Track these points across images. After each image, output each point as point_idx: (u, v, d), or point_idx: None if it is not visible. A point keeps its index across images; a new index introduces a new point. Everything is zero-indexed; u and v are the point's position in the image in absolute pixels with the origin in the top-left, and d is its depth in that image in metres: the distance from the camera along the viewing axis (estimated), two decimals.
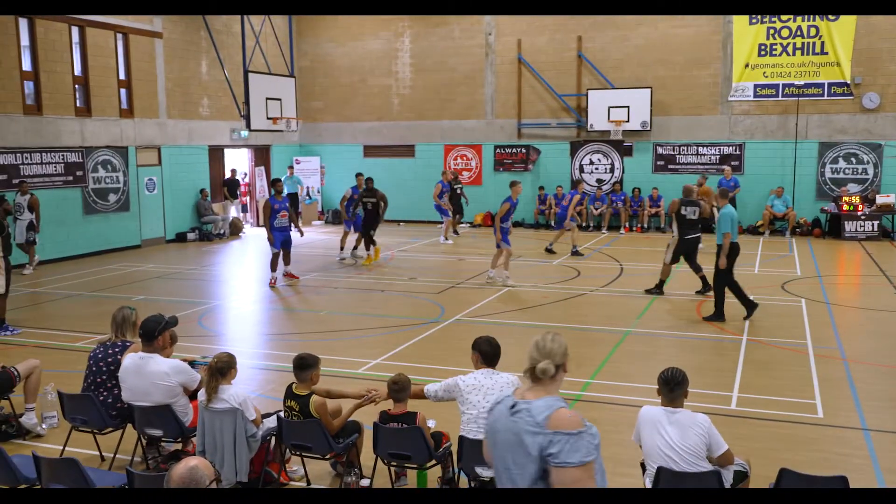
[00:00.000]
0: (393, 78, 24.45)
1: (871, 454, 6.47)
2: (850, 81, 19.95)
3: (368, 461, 5.86)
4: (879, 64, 19.76)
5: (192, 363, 6.45)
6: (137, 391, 6.06)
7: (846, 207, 19.41)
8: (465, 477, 5.48)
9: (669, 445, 4.78)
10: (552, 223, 21.47)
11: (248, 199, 24.13)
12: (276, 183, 14.53)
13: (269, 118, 19.87)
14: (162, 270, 16.22)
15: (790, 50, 20.45)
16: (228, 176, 22.83)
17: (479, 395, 5.30)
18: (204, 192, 21.35)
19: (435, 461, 5.62)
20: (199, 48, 21.17)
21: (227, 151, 23.11)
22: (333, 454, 5.78)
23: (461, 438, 5.28)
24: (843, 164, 20.40)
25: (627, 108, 21.42)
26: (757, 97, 20.86)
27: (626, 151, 22.31)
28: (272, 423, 5.93)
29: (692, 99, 21.47)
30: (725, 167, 20.87)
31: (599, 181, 22.67)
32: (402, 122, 24.49)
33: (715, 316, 11.02)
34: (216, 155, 22.48)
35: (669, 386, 4.91)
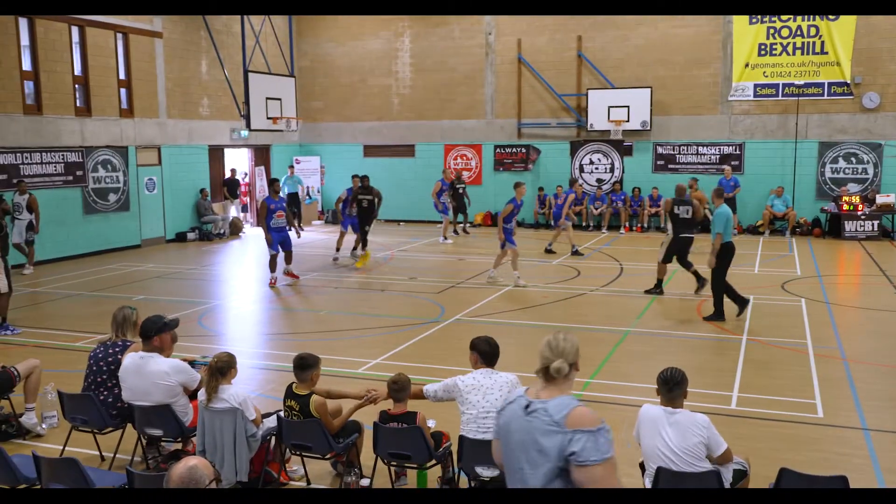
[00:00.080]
0: (393, 78, 24.45)
1: (871, 454, 6.47)
2: (850, 81, 19.95)
3: (368, 461, 5.86)
4: (879, 64, 19.76)
5: (192, 363, 6.45)
6: (137, 391, 6.07)
7: (846, 207, 19.41)
8: (465, 477, 5.48)
9: (668, 447, 4.78)
10: (552, 223, 21.45)
11: (248, 198, 24.13)
12: (273, 183, 14.53)
13: (269, 118, 19.87)
14: (162, 270, 16.22)
15: (790, 50, 20.44)
16: (228, 176, 22.83)
17: (478, 394, 5.30)
18: (204, 191, 21.35)
19: (435, 461, 5.61)
20: (199, 48, 21.17)
21: (227, 151, 23.11)
22: (333, 454, 5.78)
23: (461, 438, 5.28)
24: (843, 163, 20.40)
25: (627, 107, 21.42)
26: (757, 97, 20.85)
27: (626, 151, 22.31)
28: (272, 422, 5.93)
29: (692, 99, 21.47)
30: (725, 167, 20.88)
31: (599, 181, 22.67)
32: (402, 121, 24.49)
33: (715, 316, 11.03)
34: (216, 155, 22.48)
35: (668, 386, 4.91)
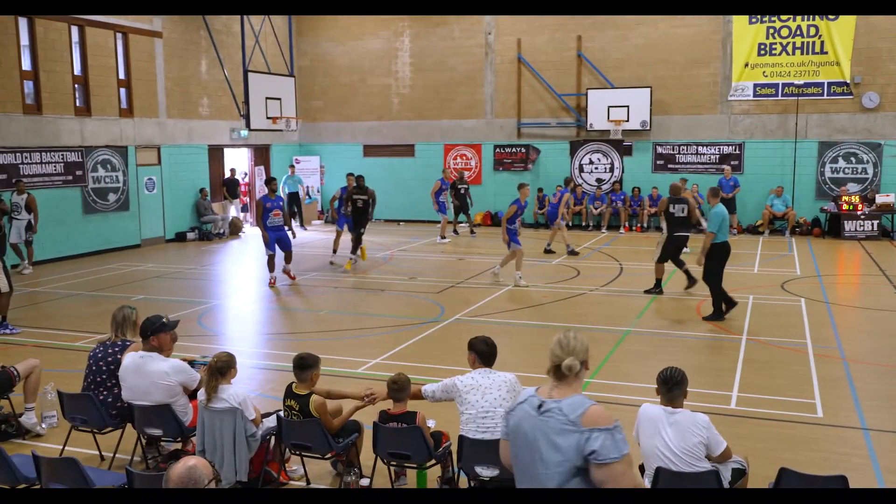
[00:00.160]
0: (393, 77, 24.44)
1: (870, 454, 6.47)
2: (849, 81, 19.95)
3: (368, 461, 5.86)
4: (879, 63, 19.76)
5: (191, 363, 6.45)
6: (137, 390, 6.07)
7: (846, 207, 19.42)
8: (464, 476, 5.47)
9: (668, 447, 4.77)
10: (549, 223, 21.44)
11: (247, 198, 24.12)
12: (269, 182, 14.51)
13: (268, 118, 19.87)
14: (161, 270, 16.22)
15: (790, 49, 20.44)
16: (228, 175, 22.83)
17: (477, 394, 5.30)
18: (203, 191, 21.34)
19: (434, 461, 5.61)
20: (198, 48, 21.16)
21: (226, 151, 23.11)
22: (333, 454, 5.77)
23: (461, 438, 5.28)
24: (842, 163, 20.39)
25: (627, 107, 21.41)
26: (756, 97, 20.85)
27: (625, 151, 22.30)
28: (272, 422, 5.93)
29: (692, 98, 21.47)
30: (725, 167, 20.88)
31: (599, 181, 22.67)
32: (401, 121, 24.48)
33: (714, 315, 11.04)
34: (216, 154, 22.48)
35: (668, 385, 4.91)
